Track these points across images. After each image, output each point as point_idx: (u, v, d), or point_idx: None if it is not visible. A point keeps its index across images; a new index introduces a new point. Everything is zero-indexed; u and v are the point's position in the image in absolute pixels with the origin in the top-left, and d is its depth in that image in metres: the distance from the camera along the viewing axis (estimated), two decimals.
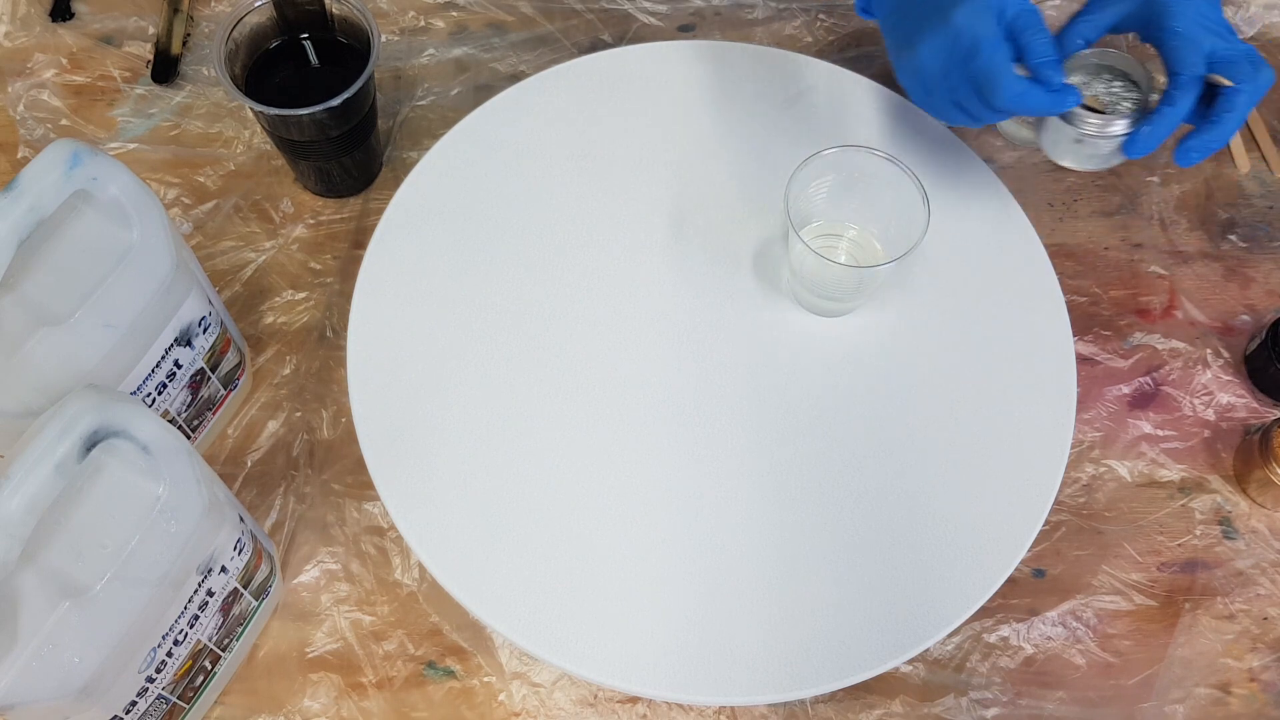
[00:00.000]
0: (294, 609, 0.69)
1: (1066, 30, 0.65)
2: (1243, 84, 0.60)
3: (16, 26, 0.89)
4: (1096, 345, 0.78)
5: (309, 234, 0.81)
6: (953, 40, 0.61)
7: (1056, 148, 0.66)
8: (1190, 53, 0.60)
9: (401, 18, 0.90)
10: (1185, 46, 0.60)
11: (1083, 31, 0.64)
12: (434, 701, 0.66)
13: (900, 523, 0.63)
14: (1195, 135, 0.62)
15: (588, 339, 0.67)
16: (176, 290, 0.61)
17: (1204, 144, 0.62)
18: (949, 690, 0.67)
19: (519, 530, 0.62)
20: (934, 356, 0.68)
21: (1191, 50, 0.60)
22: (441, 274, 0.69)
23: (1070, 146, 0.65)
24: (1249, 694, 0.68)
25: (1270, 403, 0.77)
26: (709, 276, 0.70)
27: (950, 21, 0.61)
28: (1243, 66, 0.60)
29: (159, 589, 0.53)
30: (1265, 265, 0.82)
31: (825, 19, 0.91)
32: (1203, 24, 0.61)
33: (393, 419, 0.64)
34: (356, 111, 0.75)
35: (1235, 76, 0.60)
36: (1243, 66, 0.60)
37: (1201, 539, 0.72)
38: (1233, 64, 0.60)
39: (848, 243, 0.70)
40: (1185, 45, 0.60)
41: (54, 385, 0.56)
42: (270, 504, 0.72)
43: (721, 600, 0.60)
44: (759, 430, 0.65)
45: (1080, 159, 0.66)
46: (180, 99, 0.86)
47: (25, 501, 0.46)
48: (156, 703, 0.58)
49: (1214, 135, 0.61)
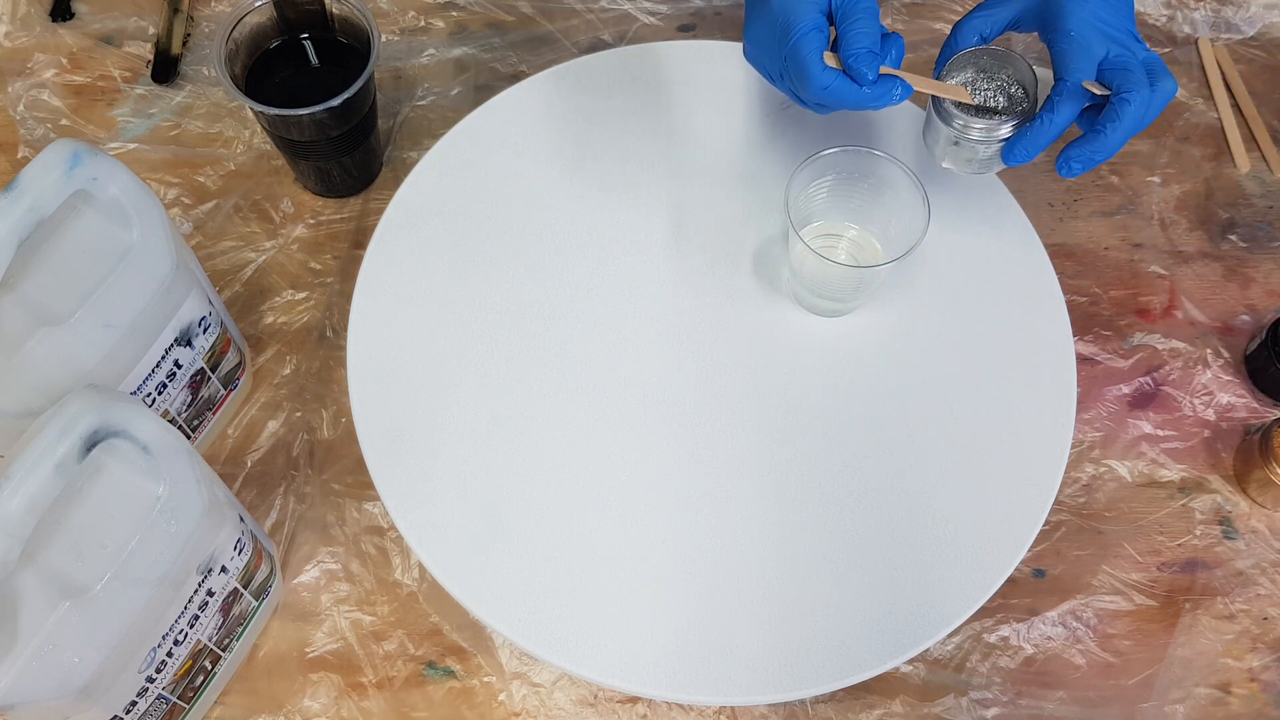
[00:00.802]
0: (294, 609, 0.69)
1: (962, 24, 0.62)
2: (1130, 93, 0.55)
3: (16, 26, 0.89)
4: (1096, 345, 0.78)
5: (309, 234, 0.81)
6: (771, 23, 0.58)
7: (936, 147, 0.64)
8: (1078, 57, 0.57)
9: (401, 18, 0.90)
10: (1074, 50, 0.57)
11: (978, 27, 0.61)
12: (434, 701, 0.66)
13: (900, 523, 0.63)
14: (1077, 145, 0.58)
15: (588, 339, 0.67)
16: (176, 290, 0.61)
17: (1084, 155, 0.58)
18: (949, 690, 0.67)
19: (519, 530, 0.62)
20: (934, 356, 0.68)
21: (1080, 55, 0.57)
22: (441, 274, 0.69)
23: (948, 148, 0.63)
24: (1249, 694, 0.68)
25: (1270, 403, 0.77)
26: (709, 276, 0.70)
27: (768, 4, 0.58)
28: (1134, 75, 0.56)
29: (159, 589, 0.53)
30: (1265, 265, 0.82)
31: None
32: (1099, 28, 0.57)
33: (393, 419, 0.64)
34: (356, 111, 0.75)
35: (1124, 85, 0.56)
36: (1134, 75, 0.56)
37: (1201, 539, 0.72)
38: (1125, 71, 0.56)
39: (848, 243, 0.70)
40: (1075, 49, 0.57)
41: (54, 385, 0.56)
42: (270, 504, 0.72)
43: (721, 600, 0.60)
44: (759, 430, 0.65)
45: (959, 161, 0.63)
46: (180, 99, 0.86)
47: (25, 501, 0.46)
48: (156, 703, 0.58)
49: (1095, 146, 0.57)
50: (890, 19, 0.91)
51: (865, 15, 0.56)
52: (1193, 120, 0.88)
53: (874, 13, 0.57)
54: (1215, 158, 0.86)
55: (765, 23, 0.58)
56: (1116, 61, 0.57)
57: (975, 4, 0.61)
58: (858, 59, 0.56)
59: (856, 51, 0.56)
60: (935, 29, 0.91)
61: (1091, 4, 0.57)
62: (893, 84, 0.58)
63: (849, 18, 0.57)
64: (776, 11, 0.57)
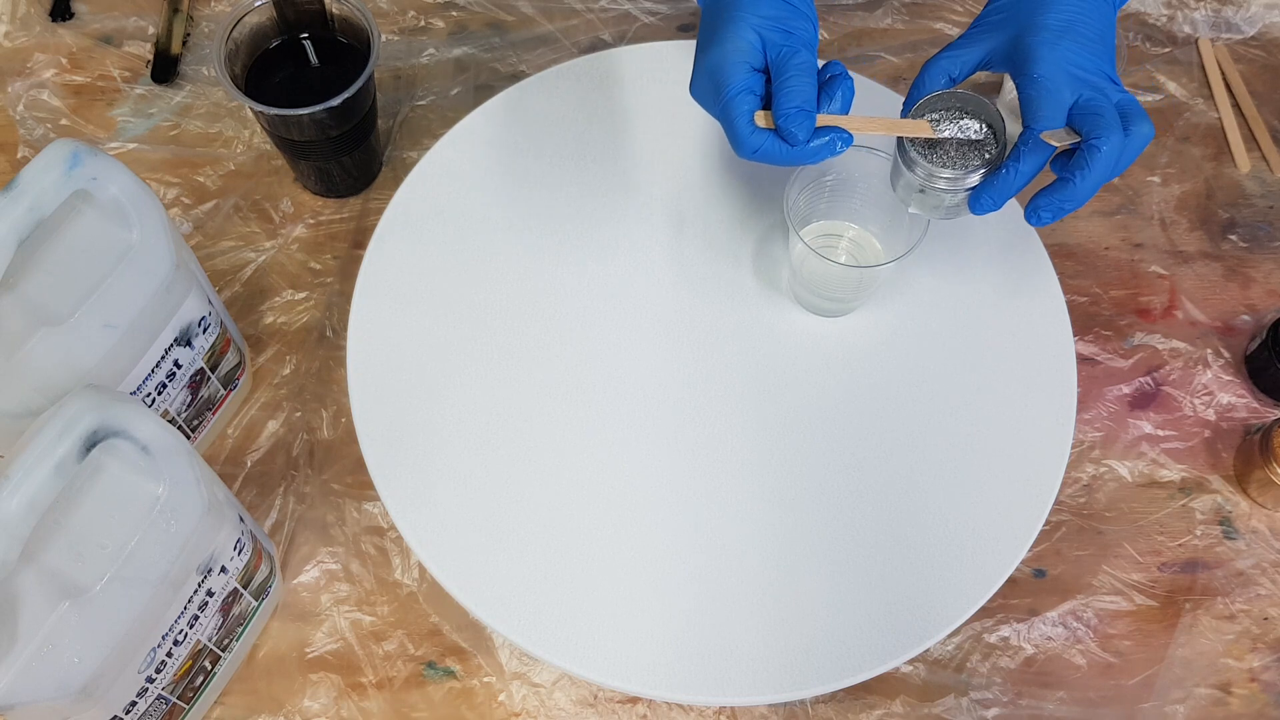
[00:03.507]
0: (294, 609, 0.69)
1: (931, 64, 0.59)
2: (1100, 139, 0.52)
3: (16, 26, 0.89)
4: (1097, 345, 0.78)
5: (309, 234, 0.81)
6: (705, 78, 0.56)
7: (900, 192, 0.61)
8: (1046, 104, 0.53)
9: (401, 18, 0.90)
10: (1042, 97, 0.53)
11: (946, 68, 0.58)
12: (434, 702, 0.66)
13: (900, 523, 0.63)
14: (1045, 193, 0.55)
15: (587, 338, 0.67)
16: (176, 290, 0.61)
17: (1054, 204, 0.55)
18: (949, 690, 0.67)
19: (519, 530, 0.62)
20: (934, 356, 0.68)
21: (1048, 101, 0.53)
22: (441, 274, 0.69)
23: (914, 194, 0.60)
24: (1249, 694, 0.68)
25: (1271, 403, 0.77)
26: (709, 276, 0.70)
27: (705, 58, 0.56)
28: (1106, 120, 0.53)
29: (159, 589, 0.53)
30: (1266, 265, 0.82)
31: (825, 19, 0.91)
32: (1070, 71, 0.54)
33: (393, 419, 0.64)
34: (356, 111, 0.75)
35: (1095, 130, 0.52)
36: (1106, 120, 0.53)
37: (1202, 539, 0.72)
38: (1096, 116, 0.53)
39: (848, 243, 0.70)
40: (1042, 95, 0.53)
41: (54, 385, 0.56)
42: (270, 504, 0.72)
43: (721, 600, 0.60)
44: (759, 430, 0.65)
45: (925, 208, 0.60)
46: (180, 99, 0.86)
47: (25, 501, 0.46)
48: (156, 703, 0.58)
49: (1065, 195, 0.54)
50: (890, 19, 0.91)
51: (797, 72, 0.54)
52: (1193, 120, 0.88)
53: (808, 68, 0.54)
54: (1215, 158, 0.86)
55: (703, 76, 0.56)
56: (1088, 106, 0.53)
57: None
58: (788, 119, 0.53)
59: (787, 111, 0.53)
60: (936, 29, 0.91)
61: (1063, 46, 0.54)
62: (832, 138, 0.55)
63: (781, 75, 0.54)
64: (710, 69, 0.55)
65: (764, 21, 0.55)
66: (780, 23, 0.55)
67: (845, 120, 0.55)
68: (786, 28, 0.55)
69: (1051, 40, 0.55)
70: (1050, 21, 0.55)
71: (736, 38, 0.55)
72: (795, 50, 0.54)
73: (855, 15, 0.92)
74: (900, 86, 0.88)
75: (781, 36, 0.55)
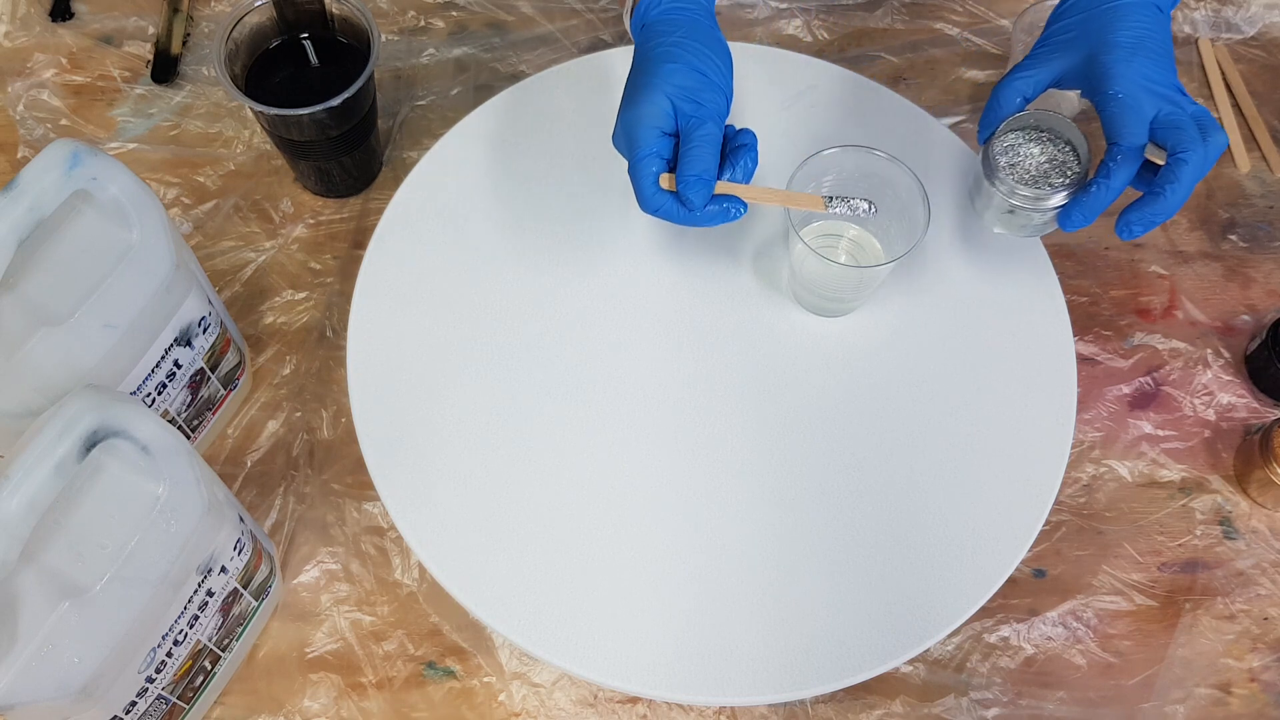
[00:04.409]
0: (294, 609, 0.69)
1: (1003, 86, 0.61)
2: (1186, 153, 0.54)
3: (16, 26, 0.89)
4: (1097, 345, 0.78)
5: (309, 234, 0.81)
6: (621, 134, 0.59)
7: (987, 213, 0.64)
8: (1130, 121, 0.55)
9: (401, 18, 0.90)
10: (1125, 114, 0.55)
11: (1020, 89, 0.61)
12: (434, 702, 0.66)
13: (900, 523, 0.63)
14: (1137, 207, 0.57)
15: (587, 339, 0.67)
16: (176, 290, 0.61)
17: (1145, 217, 0.57)
18: (949, 690, 0.67)
19: (519, 530, 0.62)
20: (934, 356, 0.68)
21: (1132, 118, 0.55)
22: (441, 274, 0.69)
23: (1002, 216, 0.62)
24: (1249, 694, 0.68)
25: (1271, 403, 0.77)
26: (709, 276, 0.70)
27: (623, 116, 0.59)
28: (1188, 133, 0.55)
29: (159, 589, 0.53)
30: (1266, 265, 0.82)
31: (825, 19, 0.91)
32: (1147, 87, 0.56)
33: (393, 419, 0.64)
34: (356, 111, 0.75)
35: (1179, 145, 0.55)
36: (1188, 133, 0.55)
37: (1202, 539, 0.72)
38: (1178, 130, 0.55)
39: (848, 243, 0.70)
40: (1125, 113, 0.56)
41: (54, 385, 0.56)
42: (270, 504, 0.72)
43: (721, 600, 0.60)
44: (759, 430, 0.65)
45: (1012, 227, 0.63)
46: (180, 99, 0.86)
47: (25, 501, 0.46)
48: (156, 703, 0.58)
49: (1157, 208, 0.56)
50: (890, 19, 0.91)
51: (700, 143, 0.57)
52: None
53: (712, 140, 0.57)
54: None
55: (620, 131, 0.60)
56: (1168, 120, 0.55)
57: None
58: (687, 185, 0.57)
59: (686, 178, 0.57)
60: (936, 29, 0.91)
61: (1137, 63, 0.56)
62: (727, 206, 0.58)
63: (686, 144, 0.57)
64: (625, 127, 0.59)
65: (678, 90, 0.58)
66: (692, 94, 0.58)
67: (742, 190, 0.59)
68: (698, 99, 0.58)
69: (1126, 57, 0.57)
70: (1122, 39, 0.57)
71: (650, 103, 0.58)
72: (702, 121, 0.58)
73: (855, 15, 0.92)
74: (900, 86, 0.88)
75: (692, 107, 0.58)
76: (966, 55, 0.90)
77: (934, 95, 0.88)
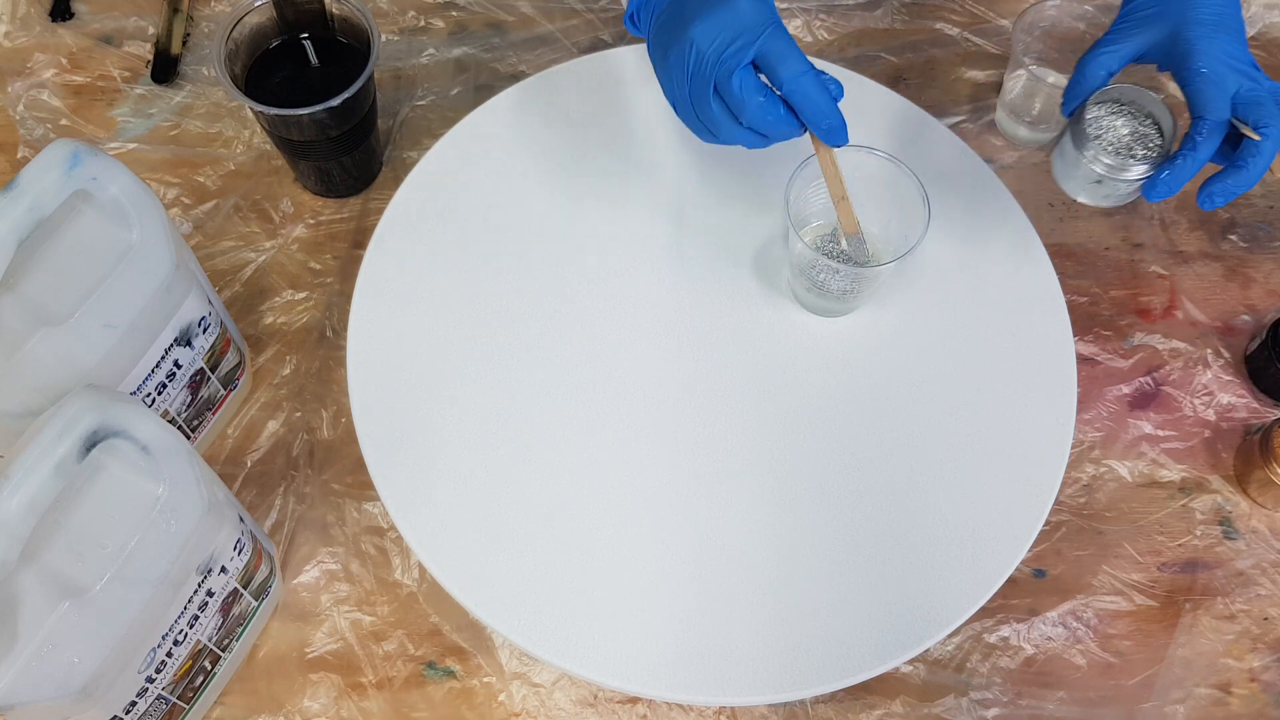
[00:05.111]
0: (294, 609, 0.69)
1: (1088, 60, 0.62)
2: (1269, 127, 0.57)
3: (16, 26, 0.89)
4: (1097, 345, 0.78)
5: (309, 234, 0.81)
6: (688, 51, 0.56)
7: (1072, 182, 0.65)
8: (1215, 96, 0.58)
9: (401, 18, 0.90)
10: (1210, 89, 0.58)
11: (1105, 63, 0.62)
12: (434, 702, 0.66)
13: (900, 523, 0.63)
14: (1219, 179, 0.59)
15: (587, 339, 0.67)
16: (176, 290, 0.61)
17: (1227, 189, 0.59)
18: (949, 690, 0.67)
19: (519, 531, 0.62)
20: (934, 356, 0.68)
21: (1217, 93, 0.58)
22: (441, 274, 0.69)
23: (1087, 185, 0.64)
24: (1249, 694, 0.68)
25: (1271, 403, 0.77)
26: (709, 276, 0.70)
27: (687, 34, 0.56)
28: (1268, 108, 0.57)
29: (159, 589, 0.53)
30: (1266, 265, 0.82)
31: (825, 19, 0.91)
32: (1229, 64, 0.58)
33: (393, 419, 0.64)
34: (356, 111, 0.75)
35: (1261, 119, 0.57)
36: (1268, 108, 0.57)
37: (1202, 539, 0.72)
38: (1259, 106, 0.58)
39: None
40: (1210, 88, 0.58)
41: (54, 385, 0.56)
42: (270, 504, 0.72)
43: (721, 600, 0.60)
44: (759, 430, 0.65)
45: (1096, 197, 0.65)
46: (180, 99, 0.86)
47: (25, 501, 0.46)
48: (156, 703, 0.58)
49: (1239, 180, 0.59)
50: (890, 19, 0.91)
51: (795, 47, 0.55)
52: None
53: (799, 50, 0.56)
54: None
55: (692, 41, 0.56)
56: (1248, 96, 0.58)
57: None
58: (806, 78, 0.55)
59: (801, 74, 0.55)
60: (936, 29, 0.91)
61: (1219, 39, 0.59)
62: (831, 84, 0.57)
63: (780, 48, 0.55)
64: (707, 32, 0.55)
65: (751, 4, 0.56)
66: None
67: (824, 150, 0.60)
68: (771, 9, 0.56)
69: (1209, 34, 0.59)
70: (1204, 16, 0.60)
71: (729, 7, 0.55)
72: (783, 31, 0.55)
73: (855, 15, 0.92)
74: (900, 86, 0.88)
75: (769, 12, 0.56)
76: (966, 55, 0.90)
77: (934, 95, 0.88)
